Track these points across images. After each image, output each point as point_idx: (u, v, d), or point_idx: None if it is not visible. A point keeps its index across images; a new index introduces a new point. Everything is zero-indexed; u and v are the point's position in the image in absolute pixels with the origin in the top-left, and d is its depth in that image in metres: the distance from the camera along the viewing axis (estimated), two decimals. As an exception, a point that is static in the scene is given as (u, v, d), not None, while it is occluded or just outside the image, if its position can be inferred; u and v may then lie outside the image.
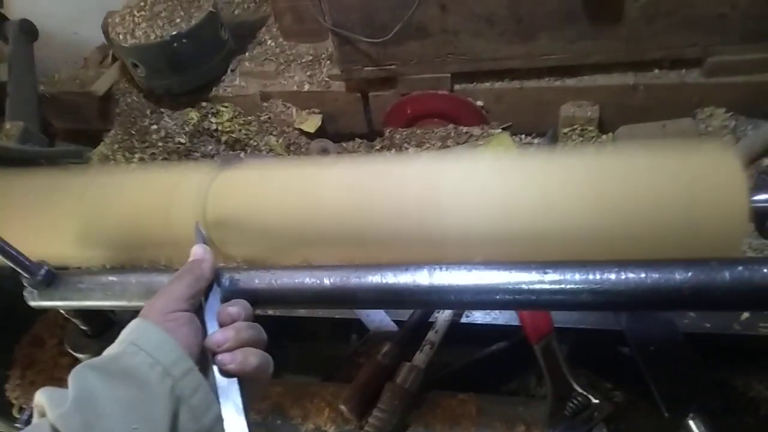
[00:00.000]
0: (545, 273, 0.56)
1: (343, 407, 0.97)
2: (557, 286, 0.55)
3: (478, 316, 1.06)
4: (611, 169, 0.60)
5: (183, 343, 0.49)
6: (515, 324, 1.02)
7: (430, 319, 1.06)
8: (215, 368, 0.50)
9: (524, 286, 0.56)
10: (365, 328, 1.13)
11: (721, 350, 1.17)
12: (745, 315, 0.97)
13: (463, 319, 1.07)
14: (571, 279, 0.55)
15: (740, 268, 0.51)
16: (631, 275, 0.53)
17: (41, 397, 0.45)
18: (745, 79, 1.25)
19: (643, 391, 0.92)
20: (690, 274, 0.52)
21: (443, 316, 1.05)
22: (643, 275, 0.53)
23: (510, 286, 0.57)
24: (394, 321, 1.11)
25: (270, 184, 0.72)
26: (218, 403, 0.49)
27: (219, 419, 0.48)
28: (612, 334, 1.01)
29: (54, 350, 1.21)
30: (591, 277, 0.54)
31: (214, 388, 0.50)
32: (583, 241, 0.59)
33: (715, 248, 0.57)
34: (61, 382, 1.14)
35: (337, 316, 1.16)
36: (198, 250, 0.61)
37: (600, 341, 1.14)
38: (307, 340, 1.30)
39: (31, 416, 0.53)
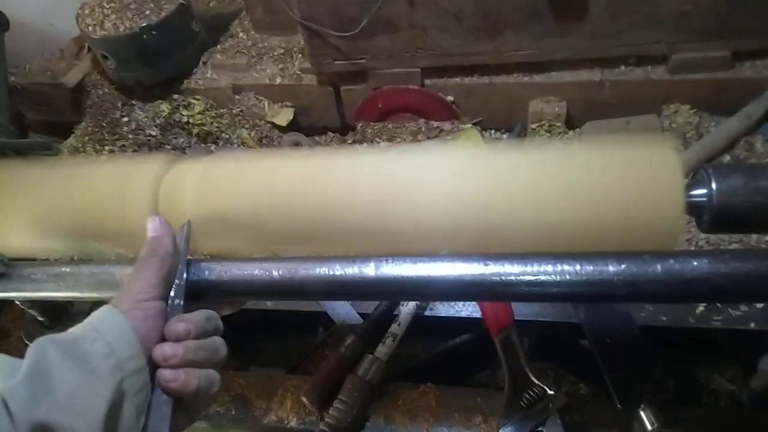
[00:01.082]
0: (486, 265, 0.57)
1: (304, 399, 0.98)
2: (497, 278, 0.57)
3: (441, 309, 1.08)
4: (553, 164, 0.61)
5: (144, 336, 0.50)
6: (478, 317, 1.04)
7: (394, 312, 1.07)
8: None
9: (466, 278, 0.58)
10: (332, 321, 1.14)
11: (682, 343, 1.19)
12: (700, 308, 0.99)
13: (427, 312, 1.08)
14: (510, 271, 0.56)
15: (671, 261, 0.53)
16: (567, 267, 0.55)
17: None
18: (709, 76, 1.27)
19: (603, 381, 0.94)
20: (623, 266, 0.53)
21: (407, 309, 1.06)
22: (578, 267, 0.54)
23: (452, 278, 0.58)
24: (360, 314, 1.12)
25: (225, 176, 0.73)
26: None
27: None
28: (573, 327, 1.03)
29: (20, 343, 1.20)
30: (529, 268, 0.56)
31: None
32: (524, 234, 0.60)
33: (653, 242, 0.58)
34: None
35: (303, 309, 1.17)
36: (154, 225, 0.60)
37: (561, 334, 1.17)
38: (274, 332, 1.31)
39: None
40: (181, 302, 0.57)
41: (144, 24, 1.40)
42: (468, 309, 1.06)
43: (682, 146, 1.24)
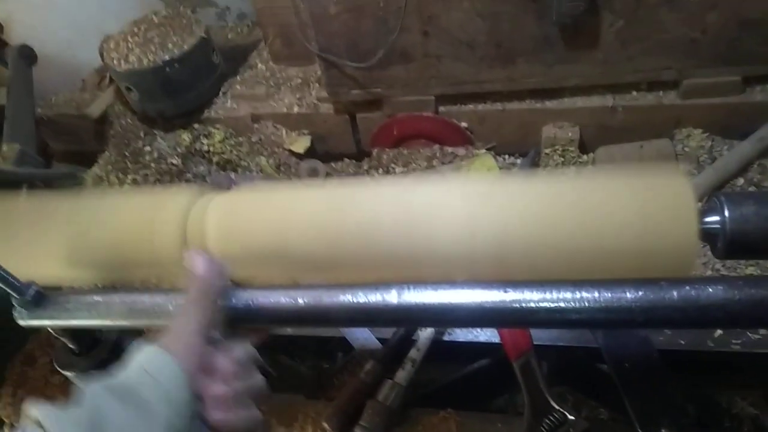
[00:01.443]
0: (506, 292, 0.59)
1: (325, 424, 0.99)
2: (517, 305, 0.58)
3: (460, 334, 1.09)
4: (568, 192, 0.63)
5: (194, 381, 0.49)
6: (497, 342, 1.05)
7: (413, 337, 1.08)
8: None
9: (487, 305, 0.59)
10: (350, 345, 1.15)
11: (703, 366, 1.19)
12: (719, 332, 0.99)
13: (446, 337, 1.09)
14: (530, 298, 0.57)
15: (687, 287, 0.54)
16: (585, 294, 0.56)
17: (39, 413, 0.45)
18: (721, 100, 1.29)
19: (623, 406, 0.94)
20: (640, 293, 0.55)
21: (425, 333, 1.07)
22: (596, 294, 0.56)
23: (473, 305, 0.60)
24: (379, 339, 1.13)
25: (251, 206, 0.75)
26: None
27: None
28: (591, 351, 1.03)
29: (45, 368, 1.22)
30: (548, 295, 0.57)
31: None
32: (540, 261, 0.62)
33: (668, 268, 0.60)
34: (53, 401, 1.16)
35: (322, 335, 1.18)
36: (203, 264, 0.60)
37: (580, 358, 1.17)
38: (294, 357, 1.32)
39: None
40: (221, 337, 0.58)
41: (167, 57, 1.45)
42: (486, 334, 1.07)
43: (695, 170, 1.25)
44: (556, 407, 0.94)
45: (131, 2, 1.95)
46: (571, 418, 0.92)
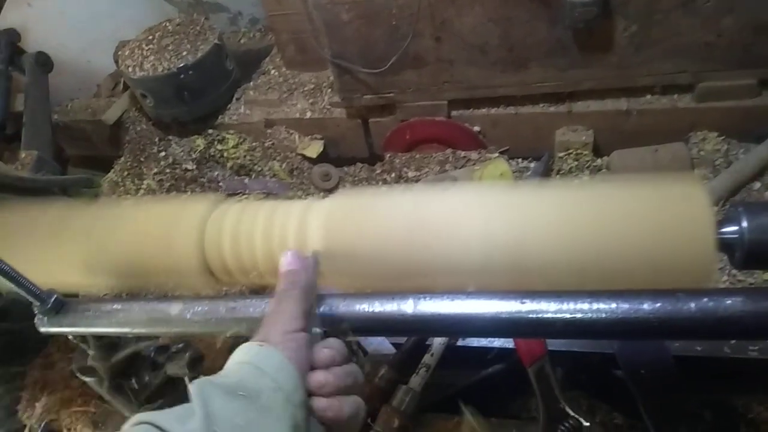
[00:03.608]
0: (523, 303, 0.59)
1: (340, 429, 0.99)
2: (534, 316, 0.58)
3: (474, 340, 1.09)
4: (584, 202, 0.63)
5: (299, 368, 0.48)
6: (511, 347, 1.05)
7: (427, 342, 1.08)
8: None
9: (503, 316, 0.59)
10: (364, 349, 1.15)
11: (720, 371, 1.18)
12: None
13: (459, 343, 1.09)
14: (547, 309, 0.57)
15: (705, 299, 0.54)
16: (602, 305, 0.56)
17: (152, 417, 0.43)
18: (736, 103, 1.28)
19: (638, 412, 0.94)
20: (658, 305, 0.54)
21: (439, 339, 1.07)
22: (613, 306, 0.56)
23: (490, 315, 0.60)
24: (392, 344, 1.14)
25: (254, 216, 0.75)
26: None
27: None
28: (606, 357, 1.03)
29: (64, 372, 1.24)
30: (565, 306, 0.57)
31: None
32: (561, 271, 0.62)
33: (686, 279, 0.59)
34: (71, 404, 1.17)
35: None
36: (289, 258, 0.59)
37: (594, 364, 1.16)
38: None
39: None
40: (320, 331, 0.56)
41: (181, 64, 1.47)
42: (500, 339, 1.06)
43: (710, 174, 1.24)
44: (571, 413, 0.93)
45: (145, 9, 1.98)
46: (586, 424, 0.92)
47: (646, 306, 0.55)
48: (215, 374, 0.48)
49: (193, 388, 0.44)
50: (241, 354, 0.49)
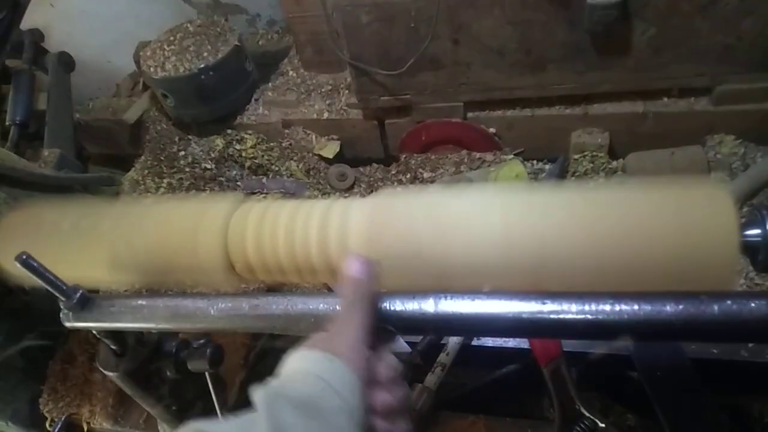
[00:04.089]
0: (544, 303, 0.59)
1: (356, 427, 1.00)
2: (555, 316, 0.58)
3: (489, 339, 1.09)
4: (607, 203, 0.63)
5: (365, 386, 0.47)
6: (525, 347, 1.05)
7: (442, 341, 1.09)
8: None
9: (524, 316, 0.60)
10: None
11: (736, 374, 1.17)
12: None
13: (474, 342, 1.10)
14: (568, 309, 0.58)
15: (729, 301, 0.54)
16: (624, 307, 0.56)
17: (214, 427, 0.43)
18: (755, 107, 1.27)
19: (653, 414, 0.93)
20: (681, 307, 0.55)
21: (455, 338, 1.08)
22: (636, 307, 0.56)
23: (511, 316, 0.60)
24: (408, 343, 1.14)
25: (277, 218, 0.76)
26: None
27: None
28: (622, 358, 1.03)
29: (84, 366, 1.26)
30: (587, 307, 0.57)
31: None
32: (581, 273, 0.62)
33: (708, 282, 0.60)
34: (91, 398, 1.18)
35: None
36: (359, 266, 0.56)
37: (610, 365, 1.16)
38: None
39: (62, 429, 0.54)
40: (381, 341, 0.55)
41: (202, 65, 1.49)
42: (515, 339, 1.07)
43: (728, 177, 1.24)
44: (587, 414, 0.94)
45: (164, 10, 2.00)
46: (602, 425, 0.92)
47: (668, 308, 0.55)
48: (279, 381, 0.46)
49: (260, 397, 0.43)
50: (306, 363, 0.47)
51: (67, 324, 0.81)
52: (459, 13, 1.22)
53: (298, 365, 0.48)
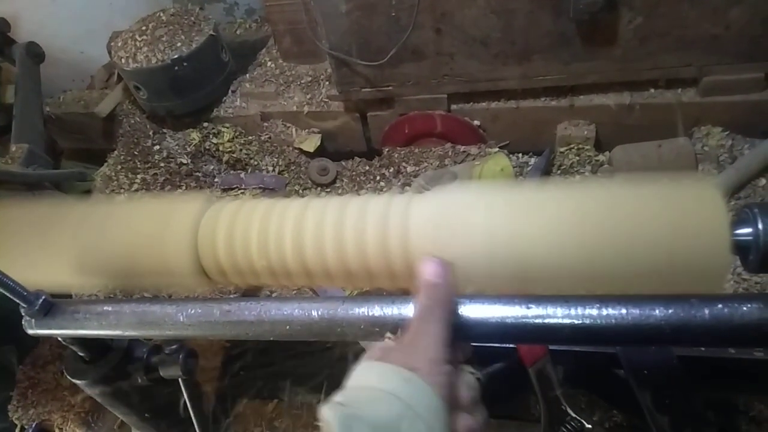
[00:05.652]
0: (528, 307, 0.56)
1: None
2: (540, 321, 0.56)
3: (473, 339, 1.06)
4: (593, 202, 0.60)
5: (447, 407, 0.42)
6: (511, 346, 1.03)
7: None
8: None
9: (508, 321, 0.57)
10: (362, 349, 1.13)
11: (722, 370, 1.16)
12: (741, 338, 0.97)
13: (459, 341, 1.07)
14: (554, 314, 0.55)
15: (720, 305, 0.51)
16: (611, 311, 0.54)
17: None
18: (742, 98, 1.25)
19: (640, 412, 0.92)
20: (670, 311, 0.52)
21: (438, 338, 1.05)
22: (623, 311, 0.53)
23: (494, 320, 0.57)
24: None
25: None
26: None
27: None
28: (608, 356, 1.01)
29: (55, 371, 1.22)
30: (573, 312, 0.55)
31: None
32: (566, 275, 0.59)
33: (698, 282, 0.57)
34: (63, 403, 1.15)
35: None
36: (437, 269, 0.51)
37: (597, 363, 1.14)
38: (304, 358, 1.31)
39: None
40: (460, 355, 0.51)
41: (175, 56, 1.43)
42: (501, 339, 1.04)
43: (715, 170, 1.22)
44: (573, 415, 0.92)
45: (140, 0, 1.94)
46: (588, 426, 0.90)
47: (657, 312, 0.53)
48: (351, 399, 0.41)
49: (333, 419, 0.38)
50: (381, 380, 0.42)
51: (30, 331, 0.77)
52: (441, 2, 1.18)
53: (372, 381, 0.42)
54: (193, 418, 0.91)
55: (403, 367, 0.42)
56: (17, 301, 0.72)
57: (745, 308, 0.51)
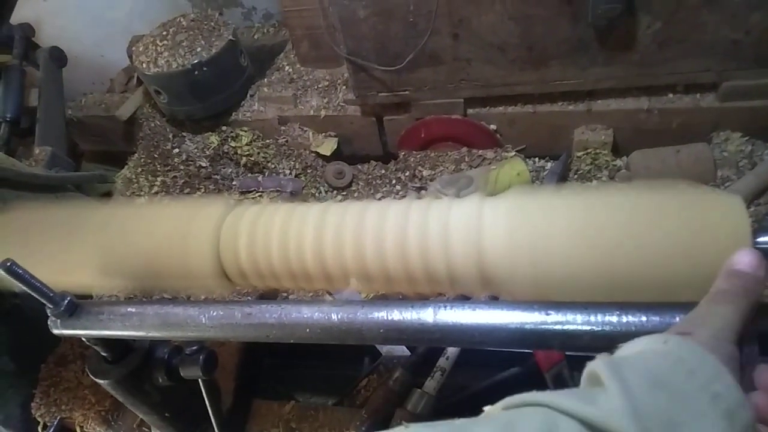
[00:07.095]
0: (548, 314, 0.57)
1: (354, 433, 0.98)
2: (560, 327, 0.56)
3: (490, 343, 1.07)
4: (615, 212, 0.60)
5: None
6: (527, 351, 1.03)
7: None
8: None
9: (527, 327, 0.57)
10: (378, 351, 1.14)
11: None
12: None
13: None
14: (573, 321, 0.56)
15: (741, 313, 0.51)
16: (632, 318, 0.54)
17: (544, 397, 0.39)
18: (762, 103, 1.24)
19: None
20: (691, 318, 0.52)
21: (455, 342, 1.05)
22: (644, 319, 0.54)
23: (513, 326, 0.58)
24: (407, 346, 1.12)
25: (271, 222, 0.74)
26: None
27: None
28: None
29: (77, 369, 1.24)
30: (593, 318, 0.55)
31: None
32: (587, 282, 0.60)
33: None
34: (84, 401, 1.16)
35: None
36: (751, 259, 0.48)
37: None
38: (321, 360, 1.32)
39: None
40: (756, 348, 0.47)
41: (196, 61, 1.46)
42: (517, 343, 1.04)
43: (734, 176, 1.21)
44: (590, 421, 0.91)
45: (158, 4, 1.96)
46: None
47: (678, 320, 0.53)
48: (621, 357, 0.39)
49: (601, 368, 0.36)
50: (651, 340, 0.40)
51: (55, 331, 0.79)
52: (459, 8, 1.19)
53: (640, 345, 0.41)
54: (212, 417, 0.92)
55: (680, 332, 0.40)
56: (44, 301, 0.74)
57: (766, 316, 0.50)
